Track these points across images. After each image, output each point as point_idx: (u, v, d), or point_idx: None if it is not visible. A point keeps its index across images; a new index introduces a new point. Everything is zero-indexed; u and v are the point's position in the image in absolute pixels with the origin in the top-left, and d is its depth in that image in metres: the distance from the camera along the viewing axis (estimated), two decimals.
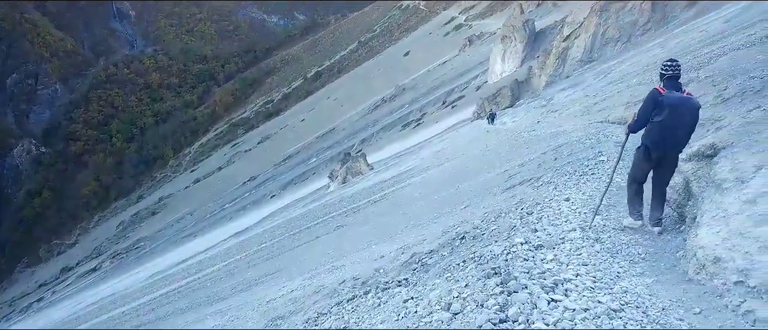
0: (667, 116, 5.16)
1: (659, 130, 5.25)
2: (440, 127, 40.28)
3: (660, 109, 5.21)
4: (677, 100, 5.18)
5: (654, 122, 5.28)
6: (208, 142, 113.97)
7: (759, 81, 9.05)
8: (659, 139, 5.29)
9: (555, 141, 13.74)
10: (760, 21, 16.70)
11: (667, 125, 5.19)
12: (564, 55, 34.51)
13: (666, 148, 5.33)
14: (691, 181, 5.54)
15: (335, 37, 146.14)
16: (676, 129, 5.22)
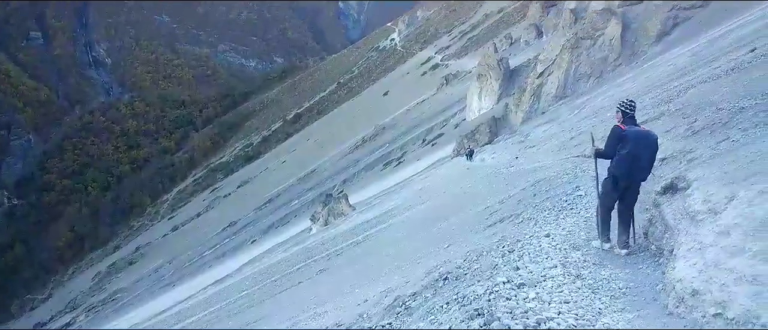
0: (632, 149, 5.73)
1: (626, 162, 5.79)
2: (421, 165, 40.48)
3: (625, 143, 5.79)
4: (639, 134, 5.81)
5: (621, 154, 5.81)
6: (186, 189, 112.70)
7: (726, 113, 9.32)
8: (626, 169, 5.82)
9: (534, 176, 13.89)
10: (725, 54, 17.34)
11: (632, 157, 5.75)
12: (539, 92, 35.22)
13: (633, 177, 5.89)
14: (667, 214, 5.62)
15: (314, 79, 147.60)
16: (640, 160, 5.78)
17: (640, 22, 32.51)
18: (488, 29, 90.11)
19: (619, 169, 5.84)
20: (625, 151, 5.75)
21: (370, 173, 52.34)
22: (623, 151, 5.77)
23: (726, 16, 26.42)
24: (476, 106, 47.13)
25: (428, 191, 24.04)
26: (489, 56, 47.85)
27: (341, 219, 32.08)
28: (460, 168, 26.56)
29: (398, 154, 52.29)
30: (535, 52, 47.27)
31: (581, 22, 35.90)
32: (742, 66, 13.48)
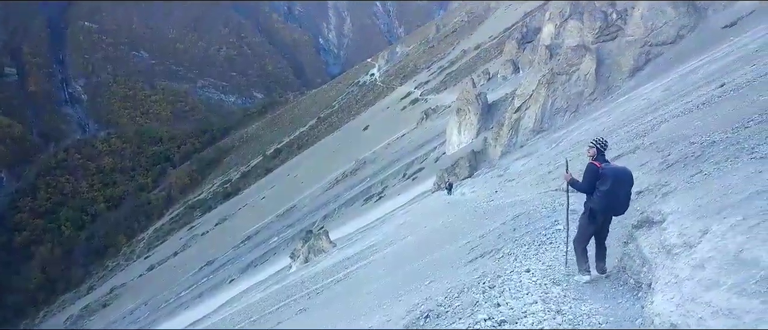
0: (612, 186, 5.91)
1: (607, 199, 5.96)
2: (402, 200, 40.46)
3: (604, 180, 5.97)
4: (617, 171, 6.04)
5: (601, 191, 5.98)
6: (163, 227, 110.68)
7: (698, 146, 9.54)
8: (607, 205, 6.01)
9: (513, 211, 13.97)
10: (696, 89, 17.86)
11: (613, 192, 5.93)
12: (516, 126, 35.71)
13: (614, 212, 6.15)
14: (644, 247, 5.68)
15: (294, 114, 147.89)
16: (620, 196, 5.98)
17: (613, 57, 33.43)
18: (466, 65, 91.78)
19: (601, 205, 6.01)
20: (604, 188, 5.92)
21: (351, 209, 52.10)
22: (603, 188, 5.93)
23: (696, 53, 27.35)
24: (456, 140, 47.55)
25: (409, 226, 23.98)
26: (467, 91, 48.56)
27: (322, 256, 31.74)
28: (441, 202, 26.60)
29: (379, 189, 52.25)
30: (512, 87, 48.19)
31: (556, 57, 36.75)
32: (712, 100, 13.87)
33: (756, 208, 4.32)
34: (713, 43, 27.17)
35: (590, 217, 6.15)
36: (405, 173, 51.43)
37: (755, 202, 4.46)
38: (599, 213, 6.07)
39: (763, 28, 22.90)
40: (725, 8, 30.85)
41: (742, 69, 16.50)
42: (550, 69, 35.15)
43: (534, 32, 61.03)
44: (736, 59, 19.30)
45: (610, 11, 37.65)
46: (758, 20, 25.56)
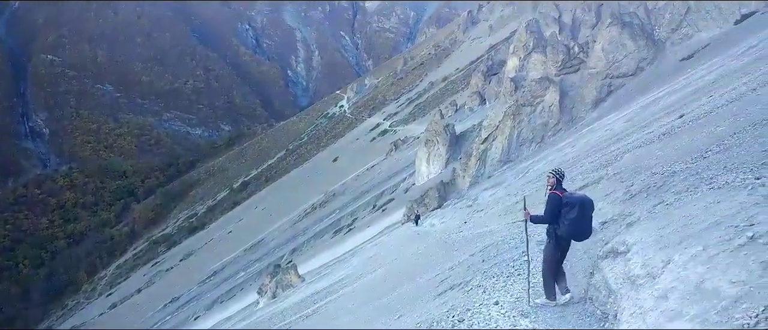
0: (579, 213, 6.17)
1: (575, 226, 6.22)
2: (372, 232, 40.21)
3: (570, 208, 6.20)
4: (582, 198, 6.31)
5: (569, 218, 6.21)
6: (126, 263, 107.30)
7: (660, 177, 9.77)
8: (575, 231, 6.28)
9: (482, 242, 14.01)
10: (656, 120, 18.41)
11: (580, 219, 6.19)
12: (484, 157, 36.13)
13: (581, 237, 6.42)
14: (609, 278, 5.71)
15: (262, 146, 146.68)
16: (585, 221, 6.26)
17: (576, 89, 34.36)
18: (434, 96, 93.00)
19: (569, 232, 6.26)
20: (572, 215, 6.16)
21: (320, 241, 51.52)
22: (571, 216, 6.17)
23: (655, 85, 28.35)
24: (425, 171, 47.79)
25: (379, 259, 23.79)
26: (435, 122, 49.08)
27: (290, 291, 31.15)
28: (411, 234, 26.54)
29: (348, 221, 51.89)
30: (479, 118, 48.92)
31: (521, 90, 37.57)
32: (672, 131, 14.30)
33: (715, 238, 4.40)
34: (672, 75, 28.24)
35: (557, 244, 6.38)
36: (375, 205, 51.29)
37: (714, 233, 4.55)
38: (565, 240, 6.34)
39: (719, 60, 23.93)
40: (682, 41, 32.23)
41: (699, 100, 17.11)
42: (515, 101, 35.87)
43: (499, 65, 62.40)
44: (694, 91, 20.04)
45: (572, 44, 38.89)
46: (714, 53, 26.73)
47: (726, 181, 6.41)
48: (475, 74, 68.69)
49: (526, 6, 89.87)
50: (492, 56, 72.69)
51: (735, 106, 12.84)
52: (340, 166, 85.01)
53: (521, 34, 44.00)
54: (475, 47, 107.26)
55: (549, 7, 59.13)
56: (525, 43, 42.55)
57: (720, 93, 16.10)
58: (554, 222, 6.33)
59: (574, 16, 50.40)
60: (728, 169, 7.30)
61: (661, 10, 34.80)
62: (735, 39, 26.60)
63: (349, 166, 79.50)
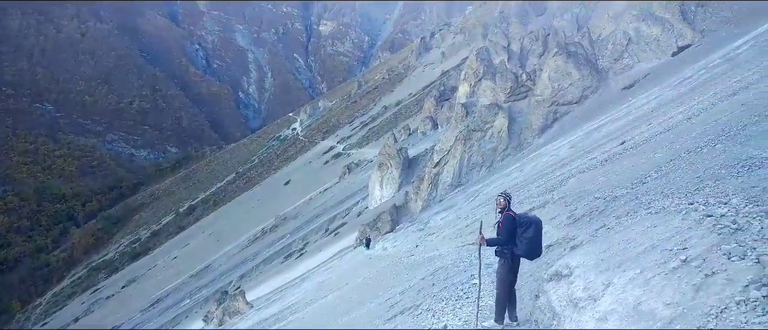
0: (534, 232, 6.43)
1: (531, 244, 6.45)
2: (323, 256, 39.72)
3: (526, 228, 6.44)
4: (534, 218, 6.58)
5: (525, 237, 6.43)
6: (63, 291, 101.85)
7: (602, 201, 10.10)
8: (531, 249, 6.50)
9: (432, 265, 14.06)
10: (599, 146, 19.10)
11: (536, 238, 6.45)
12: (436, 181, 36.51)
13: (536, 255, 6.64)
14: (554, 301, 5.82)
15: (211, 169, 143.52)
16: (539, 240, 6.54)
17: (524, 116, 35.37)
18: (387, 120, 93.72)
19: (526, 250, 6.49)
20: (529, 234, 6.41)
21: (270, 267, 50.49)
22: (528, 235, 6.41)
23: (598, 112, 29.50)
24: (378, 194, 47.81)
25: (330, 284, 23.50)
26: (389, 146, 49.35)
27: (238, 318, 30.27)
28: (363, 258, 26.39)
29: (300, 246, 51.14)
30: (432, 142, 49.51)
31: (472, 115, 38.36)
32: (614, 157, 14.86)
33: (651, 262, 4.56)
34: (614, 103, 29.49)
35: (511, 265, 6.59)
36: (327, 229, 50.82)
37: (650, 256, 4.71)
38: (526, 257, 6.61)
39: (657, 90, 25.16)
40: (624, 71, 33.80)
41: (639, 128, 17.89)
42: (466, 126, 36.55)
43: (451, 90, 63.64)
44: (634, 119, 20.95)
45: (520, 72, 40.16)
46: (653, 82, 28.12)
47: (663, 206, 6.68)
48: (427, 99, 69.73)
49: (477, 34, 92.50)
50: (444, 82, 74.09)
51: (672, 133, 13.50)
52: (292, 189, 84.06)
53: (472, 61, 45.14)
54: (428, 73, 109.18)
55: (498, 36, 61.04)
56: (475, 70, 43.65)
57: (658, 121, 16.90)
58: (511, 242, 6.52)
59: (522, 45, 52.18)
60: (665, 195, 7.62)
61: (604, 41, 36.46)
62: (672, 70, 28.12)
63: (301, 189, 78.71)
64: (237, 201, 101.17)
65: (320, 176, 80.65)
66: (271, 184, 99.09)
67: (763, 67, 15.49)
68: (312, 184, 77.81)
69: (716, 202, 5.60)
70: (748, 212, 4.85)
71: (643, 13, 34.74)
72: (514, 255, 6.57)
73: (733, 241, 4.28)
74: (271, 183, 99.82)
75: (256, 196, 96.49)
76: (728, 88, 15.39)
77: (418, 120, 71.02)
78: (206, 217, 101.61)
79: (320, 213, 59.36)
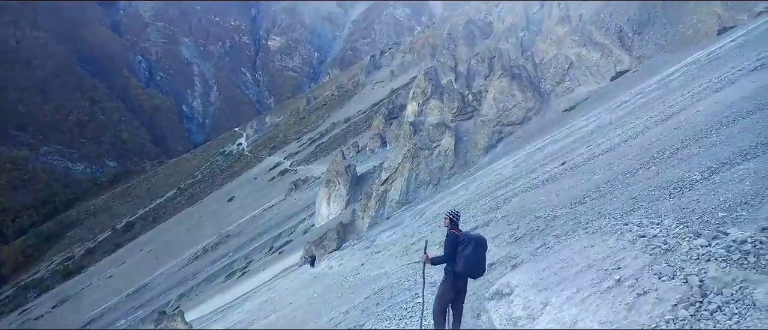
0: (473, 250, 6.45)
1: (470, 261, 6.45)
2: (267, 275, 38.85)
3: (466, 245, 6.49)
4: (476, 237, 6.64)
5: (464, 255, 6.45)
6: None
7: (543, 220, 10.32)
8: (470, 267, 6.49)
9: (377, 284, 13.96)
10: (541, 166, 19.61)
11: (474, 256, 6.45)
12: (384, 198, 36.56)
13: (475, 274, 6.63)
14: (495, 319, 5.84)
15: (151, 185, 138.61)
16: (479, 258, 6.53)
17: (470, 135, 36.07)
18: (336, 137, 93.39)
19: (464, 268, 6.48)
20: (467, 252, 6.43)
21: (211, 286, 48.95)
22: (466, 253, 6.44)
23: (541, 133, 30.41)
24: (325, 211, 47.36)
25: (273, 303, 22.97)
26: (337, 163, 49.11)
27: None
28: (308, 276, 25.98)
29: (242, 264, 49.87)
30: (380, 160, 49.63)
31: (420, 133, 38.79)
32: (555, 177, 15.28)
33: (587, 282, 4.64)
34: (555, 125, 30.49)
35: (453, 283, 6.59)
36: (271, 247, 49.85)
37: (586, 276, 4.81)
38: (462, 276, 6.57)
39: (596, 113, 26.18)
40: (565, 94, 35.06)
41: (579, 149, 18.51)
42: (414, 144, 36.91)
43: (400, 109, 64.16)
44: (575, 140, 21.69)
45: (466, 93, 41.00)
46: (592, 106, 29.25)
47: (599, 225, 6.87)
48: (376, 117, 70.01)
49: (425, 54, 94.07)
50: (393, 100, 74.63)
51: (609, 155, 14.01)
52: (236, 206, 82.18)
53: (420, 80, 45.77)
54: (377, 91, 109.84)
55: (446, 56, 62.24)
56: (424, 89, 44.25)
57: (597, 143, 17.53)
58: (452, 260, 6.60)
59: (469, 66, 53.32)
60: (602, 215, 7.85)
61: (547, 64, 37.77)
62: (610, 94, 29.38)
63: (246, 206, 77.06)
64: (178, 218, 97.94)
65: (266, 193, 79.29)
66: (214, 200, 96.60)
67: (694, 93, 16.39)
68: (257, 201, 76.36)
69: (649, 222, 5.80)
70: (678, 233, 5.03)
71: (584, 38, 36.29)
72: (456, 273, 6.60)
73: (663, 261, 4.42)
74: (214, 199, 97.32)
75: (198, 212, 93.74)
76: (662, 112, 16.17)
77: (366, 137, 71.11)
78: (145, 234, 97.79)
79: (265, 230, 58.24)
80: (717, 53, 22.84)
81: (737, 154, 7.83)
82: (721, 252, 4.23)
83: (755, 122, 9.32)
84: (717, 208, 5.86)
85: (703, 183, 7.27)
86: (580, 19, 38.37)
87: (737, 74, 15.56)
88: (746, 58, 17.61)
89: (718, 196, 6.29)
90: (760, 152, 7.47)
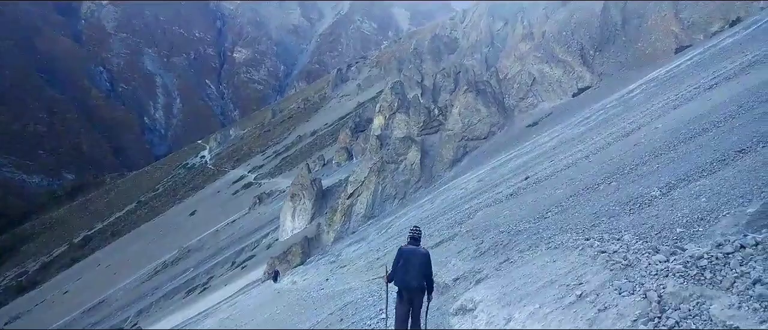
0: (404, 262, 7.04)
1: (400, 272, 7.08)
2: (230, 291, 38.07)
3: (399, 258, 7.14)
4: (410, 250, 7.14)
5: (396, 267, 7.14)
6: None
7: (506, 235, 10.36)
8: (400, 278, 7.06)
9: (342, 299, 13.79)
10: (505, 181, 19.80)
11: (404, 268, 7.01)
12: (349, 212, 36.37)
13: (406, 285, 6.99)
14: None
15: (110, 198, 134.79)
16: (411, 270, 6.95)
17: (436, 149, 36.29)
18: (301, 150, 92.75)
19: (397, 279, 7.11)
20: (399, 265, 7.09)
21: (171, 302, 47.71)
22: (398, 265, 7.09)
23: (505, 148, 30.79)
24: (289, 225, 46.83)
25: (234, 320, 22.46)
26: (303, 176, 48.71)
27: None
28: (271, 292, 25.53)
29: (204, 279, 48.82)
30: (346, 173, 49.45)
31: (386, 147, 38.83)
32: (519, 192, 15.42)
33: (549, 297, 4.64)
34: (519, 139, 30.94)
35: (398, 295, 7.06)
36: (234, 262, 48.96)
37: (548, 291, 4.81)
38: (399, 285, 7.06)
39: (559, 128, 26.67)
40: (528, 109, 35.67)
41: (542, 164, 18.78)
42: (380, 158, 36.91)
43: (366, 122, 64.24)
44: (538, 155, 22.01)
45: (432, 107, 41.33)
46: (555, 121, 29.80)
47: (562, 241, 6.91)
48: (343, 130, 69.96)
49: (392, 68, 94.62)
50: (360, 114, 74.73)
51: (572, 170, 14.24)
52: (198, 220, 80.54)
53: (387, 94, 45.92)
54: (344, 104, 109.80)
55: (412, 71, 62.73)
56: (390, 103, 44.39)
57: (560, 158, 17.82)
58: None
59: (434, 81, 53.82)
60: (564, 230, 7.92)
61: (511, 80, 38.42)
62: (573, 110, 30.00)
63: (208, 220, 75.58)
64: (138, 232, 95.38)
65: (229, 207, 77.99)
66: (175, 214, 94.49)
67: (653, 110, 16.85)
68: (220, 215, 75.03)
69: (610, 238, 5.86)
70: (637, 249, 5.09)
71: (547, 55, 37.08)
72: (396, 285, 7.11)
73: (623, 277, 4.45)
74: (175, 213, 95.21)
75: (159, 226, 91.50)
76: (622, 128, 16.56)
77: (333, 150, 70.90)
78: (103, 249, 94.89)
79: (227, 245, 57.21)
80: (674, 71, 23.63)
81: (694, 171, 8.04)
82: (679, 268, 4.29)
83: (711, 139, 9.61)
84: (675, 223, 5.97)
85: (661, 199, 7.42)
86: (543, 37, 39.23)
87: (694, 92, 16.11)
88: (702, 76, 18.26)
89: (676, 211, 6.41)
90: (715, 168, 7.68)
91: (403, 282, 7.01)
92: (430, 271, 7.11)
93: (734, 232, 5.11)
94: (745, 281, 3.74)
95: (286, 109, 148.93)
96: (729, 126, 9.98)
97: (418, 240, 7.31)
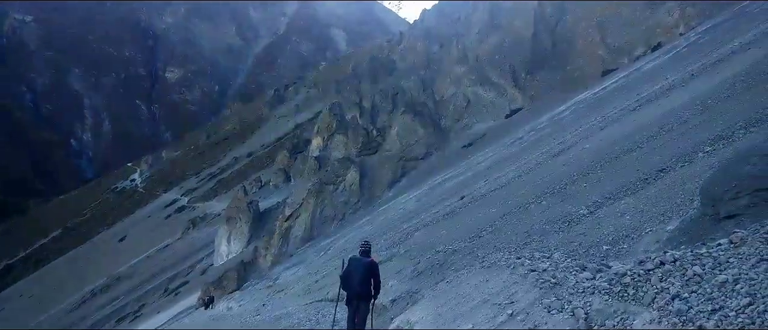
0: (346, 271, 7.94)
1: (342, 279, 8.00)
2: (162, 319, 36.41)
3: (344, 267, 8.02)
4: (354, 260, 7.98)
5: (342, 275, 7.98)
6: None
7: (443, 254, 10.46)
8: (343, 284, 8.01)
9: (279, 324, 13.47)
10: (441, 201, 20.07)
11: (346, 275, 7.92)
12: (287, 235, 35.78)
13: (348, 290, 7.85)
14: None
15: (34, 224, 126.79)
16: (352, 278, 7.77)
17: (374, 170, 36.41)
18: (237, 172, 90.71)
19: (342, 284, 8.00)
20: (344, 272, 7.94)
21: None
22: (343, 273, 7.94)
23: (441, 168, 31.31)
24: (225, 250, 45.53)
25: None
26: (239, 199, 47.62)
27: None
28: (205, 319, 24.59)
29: (135, 307, 46.54)
30: (284, 195, 48.71)
31: (324, 168, 38.61)
32: (455, 212, 15.66)
33: (482, 317, 4.69)
34: (455, 160, 31.54)
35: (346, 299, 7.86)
36: (166, 288, 46.97)
37: (482, 311, 4.86)
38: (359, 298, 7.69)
39: (492, 149, 27.41)
40: (464, 130, 36.50)
41: (477, 183, 19.18)
42: (318, 179, 36.65)
43: (304, 143, 63.75)
44: (473, 175, 22.49)
45: (371, 128, 41.58)
46: (488, 143, 30.62)
47: (495, 260, 7.04)
48: (280, 151, 69.08)
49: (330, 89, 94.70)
50: (298, 135, 74.14)
51: (505, 190, 14.62)
52: (128, 246, 76.96)
53: (325, 115, 45.87)
54: (281, 124, 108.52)
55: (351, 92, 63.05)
56: (328, 124, 44.33)
57: (494, 177, 18.28)
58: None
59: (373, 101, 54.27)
60: (497, 249, 8.08)
61: (446, 102, 39.28)
62: (506, 131, 30.95)
63: (139, 245, 72.35)
64: (64, 259, 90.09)
65: (161, 231, 74.98)
66: (104, 240, 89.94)
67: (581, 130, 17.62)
68: (151, 240, 72.02)
69: (540, 256, 6.01)
70: (566, 266, 5.24)
71: (481, 78, 38.23)
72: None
73: (552, 295, 4.56)
74: (104, 239, 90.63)
75: (87, 253, 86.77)
76: (553, 148, 17.20)
77: (270, 172, 69.75)
78: (26, 278, 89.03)
79: (159, 272, 54.91)
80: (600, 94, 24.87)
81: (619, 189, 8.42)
82: (604, 285, 4.44)
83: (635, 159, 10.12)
84: (601, 241, 6.21)
85: (589, 217, 7.72)
86: (476, 60, 40.45)
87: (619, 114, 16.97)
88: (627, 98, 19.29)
89: (602, 229, 6.68)
90: (638, 188, 8.07)
91: (347, 287, 7.93)
92: (376, 279, 7.86)
93: (655, 249, 5.37)
94: (665, 297, 3.91)
95: (221, 130, 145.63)
96: (651, 146, 10.56)
97: (368, 253, 8.11)
